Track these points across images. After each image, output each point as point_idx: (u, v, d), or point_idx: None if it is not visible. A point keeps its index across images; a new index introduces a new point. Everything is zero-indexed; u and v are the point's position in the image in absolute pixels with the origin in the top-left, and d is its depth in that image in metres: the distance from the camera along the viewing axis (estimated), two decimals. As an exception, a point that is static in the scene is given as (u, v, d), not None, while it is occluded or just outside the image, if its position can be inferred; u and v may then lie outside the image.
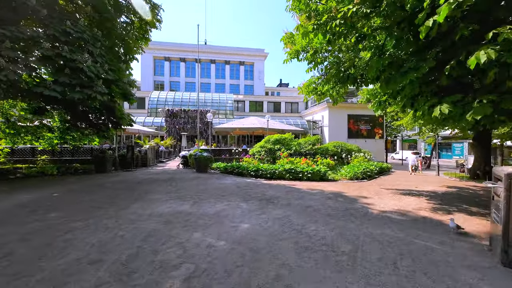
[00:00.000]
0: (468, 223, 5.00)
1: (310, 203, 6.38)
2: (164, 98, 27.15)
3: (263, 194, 7.35)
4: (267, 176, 10.82)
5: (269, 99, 36.25)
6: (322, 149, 15.32)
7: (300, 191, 8.06)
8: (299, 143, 15.03)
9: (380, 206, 6.24)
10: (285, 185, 9.22)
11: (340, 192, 7.95)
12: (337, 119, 24.86)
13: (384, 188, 8.97)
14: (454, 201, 7.00)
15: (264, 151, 14.08)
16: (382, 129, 26.47)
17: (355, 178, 11.05)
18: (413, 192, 8.24)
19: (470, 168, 13.89)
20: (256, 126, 16.90)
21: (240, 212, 5.34)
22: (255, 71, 44.42)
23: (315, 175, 10.56)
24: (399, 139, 43.62)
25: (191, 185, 8.73)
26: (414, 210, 5.89)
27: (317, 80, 8.68)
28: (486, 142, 13.07)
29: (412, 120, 13.95)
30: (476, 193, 8.49)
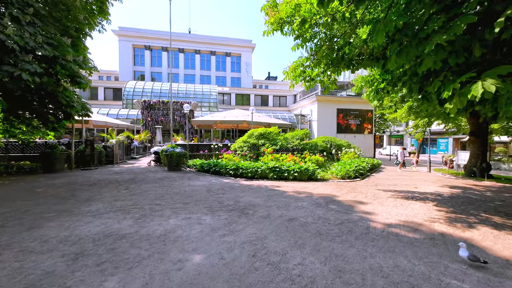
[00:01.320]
0: (502, 243, 3.78)
1: (295, 213, 4.99)
2: (141, 89, 24.90)
3: (238, 201, 5.88)
4: (248, 176, 9.37)
5: (256, 92, 34.62)
6: (310, 144, 14.04)
7: (285, 195, 6.67)
8: (286, 137, 13.67)
9: (383, 216, 4.95)
10: (267, 186, 7.81)
11: (331, 196, 6.63)
12: (326, 113, 23.75)
13: (381, 190, 7.77)
14: (468, 207, 5.85)
15: (247, 146, 12.60)
16: (371, 124, 25.67)
17: (347, 177, 9.83)
18: (415, 195, 7.06)
19: (465, 164, 13.10)
20: (239, 119, 15.35)
21: (198, 233, 3.85)
22: (242, 63, 42.48)
23: (302, 174, 9.23)
24: (387, 134, 43.58)
25: (152, 188, 7.12)
26: (425, 222, 4.64)
27: (305, 61, 7.24)
28: (484, 138, 12.25)
29: (407, 114, 12.93)
30: (484, 195, 7.46)
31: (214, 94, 27.00)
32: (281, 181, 8.87)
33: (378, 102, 8.93)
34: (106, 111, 22.98)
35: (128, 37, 36.90)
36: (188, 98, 25.35)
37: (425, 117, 12.56)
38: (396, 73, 7.63)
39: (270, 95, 34.52)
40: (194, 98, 25.73)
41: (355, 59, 6.78)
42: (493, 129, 14.68)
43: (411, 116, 12.95)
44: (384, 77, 8.02)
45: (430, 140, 35.76)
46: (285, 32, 6.48)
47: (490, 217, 4.98)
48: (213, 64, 41.17)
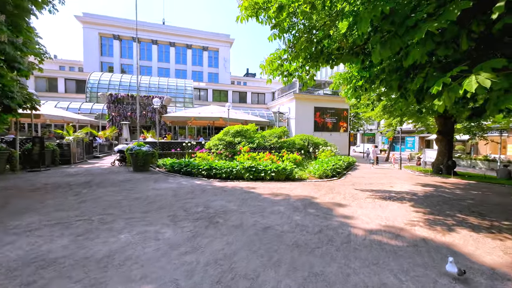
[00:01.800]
0: (483, 247, 3.62)
1: (271, 220, 4.49)
2: (108, 81, 22.81)
3: (208, 206, 5.24)
4: (222, 176, 8.73)
5: (234, 89, 33.74)
6: (288, 142, 13.75)
7: (260, 198, 6.16)
8: (263, 135, 13.21)
9: (363, 220, 4.64)
10: (242, 188, 7.25)
11: (310, 198, 6.26)
12: (303, 112, 23.80)
13: (359, 190, 7.61)
14: (443, 207, 5.81)
15: (222, 144, 11.91)
16: (347, 123, 26.32)
17: (325, 176, 9.63)
18: (392, 195, 6.97)
19: (433, 162, 13.72)
20: (215, 115, 14.55)
21: (153, 252, 3.17)
22: (220, 58, 41.25)
23: (280, 174, 8.81)
24: (360, 132, 45.41)
25: (109, 193, 6.19)
26: (406, 226, 4.41)
27: (283, 54, 6.75)
28: (450, 137, 12.88)
29: (382, 113, 13.15)
30: (454, 193, 7.63)
31: (190, 89, 25.70)
32: (257, 182, 8.36)
33: (356, 100, 8.79)
34: (66, 104, 20.66)
35: (94, 24, 33.80)
36: (161, 92, 23.78)
37: (397, 116, 12.88)
38: (374, 71, 7.48)
39: (249, 92, 33.91)
40: (167, 93, 24.23)
41: (335, 54, 6.43)
42: (457, 129, 15.60)
43: (385, 115, 13.22)
44: (362, 74, 7.84)
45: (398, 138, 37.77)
46: (261, 20, 5.91)
47: (466, 218, 4.93)
48: (189, 58, 39.42)
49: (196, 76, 39.90)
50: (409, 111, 11.62)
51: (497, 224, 4.69)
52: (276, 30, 6.01)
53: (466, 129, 14.79)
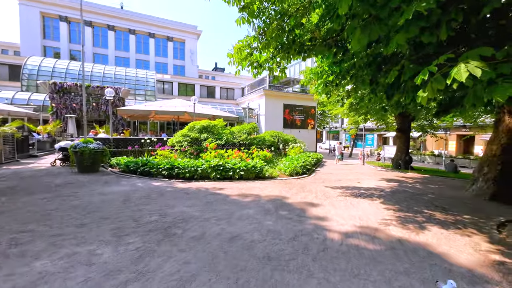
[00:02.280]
0: (455, 246, 3.55)
1: (239, 227, 3.91)
2: (51, 68, 19.67)
3: (165, 214, 4.45)
4: (186, 176, 7.87)
5: (202, 83, 32.17)
6: (258, 139, 13.30)
7: (228, 200, 5.54)
8: (232, 132, 12.53)
9: (338, 222, 4.35)
10: (208, 190, 6.54)
11: (281, 198, 5.85)
12: (273, 108, 23.68)
13: (329, 187, 7.47)
14: (410, 203, 5.89)
15: (187, 141, 10.93)
16: (314, 120, 26.99)
17: (295, 173, 9.39)
18: (362, 192, 6.95)
19: (392, 157, 14.60)
20: (179, 109, 13.37)
21: (79, 284, 2.35)
22: (187, 50, 39.03)
23: (249, 172, 8.29)
24: (326, 130, 47.48)
25: (37, 201, 4.95)
26: (380, 226, 4.23)
27: (252, 41, 6.18)
28: (407, 134, 13.79)
29: (348, 110, 13.49)
30: (416, 187, 7.97)
31: (152, 81, 23.64)
32: (225, 182, 7.71)
33: (326, 96, 8.67)
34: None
35: (34, 1, 29.03)
36: (119, 83, 21.37)
37: (362, 114, 13.35)
38: (345, 66, 7.36)
39: (217, 86, 32.68)
40: (126, 84, 21.91)
41: (307, 45, 6.07)
42: (412, 127, 16.89)
43: (351, 112, 13.62)
44: (333, 69, 7.67)
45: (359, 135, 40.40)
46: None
47: (433, 214, 4.98)
48: (152, 48, 36.48)
49: (160, 68, 37.19)
50: (373, 109, 12.06)
51: (460, 218, 4.81)
52: (245, 13, 5.39)
53: (420, 127, 16.07)
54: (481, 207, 5.72)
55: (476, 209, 5.49)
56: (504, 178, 5.85)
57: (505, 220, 4.79)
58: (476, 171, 6.59)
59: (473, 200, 6.28)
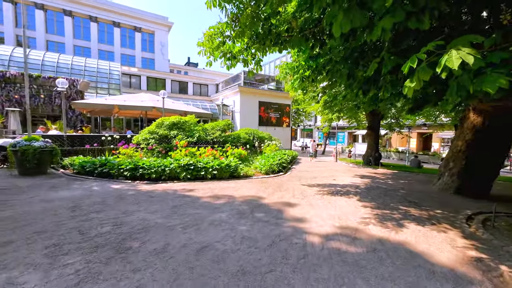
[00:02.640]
0: (433, 243, 3.47)
1: (210, 235, 3.43)
2: (-10, 54, 16.92)
3: (120, 223, 3.78)
4: (152, 177, 7.10)
5: (173, 77, 30.49)
6: (233, 136, 12.80)
7: (198, 203, 4.99)
8: (205, 128, 11.85)
9: (317, 223, 4.08)
10: (176, 192, 5.90)
11: (257, 199, 5.46)
12: (248, 105, 23.30)
13: (306, 185, 7.28)
14: (385, 199, 5.90)
15: (154, 138, 10.02)
16: (289, 118, 27.19)
17: (271, 171, 9.10)
18: (338, 189, 6.86)
19: (363, 154, 15.13)
20: (146, 104, 12.27)
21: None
22: (156, 42, 36.77)
23: (223, 172, 7.78)
24: (300, 128, 48.52)
25: (-47, 213, 3.92)
26: (360, 226, 4.05)
27: (225, 28, 5.66)
28: (377, 131, 14.36)
29: (323, 108, 13.60)
30: (388, 183, 8.17)
31: (116, 74, 21.67)
32: (196, 182, 7.11)
33: (303, 91, 8.48)
34: None
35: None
36: (76, 75, 19.16)
37: (336, 112, 13.56)
38: (321, 61, 7.21)
39: (190, 82, 31.28)
40: (85, 76, 19.75)
41: (284, 35, 5.74)
42: (381, 125, 17.72)
43: (326, 110, 13.77)
44: (309, 64, 7.49)
45: (331, 133, 41.91)
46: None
47: (408, 210, 4.99)
48: (117, 38, 33.67)
49: (126, 60, 34.56)
50: (346, 107, 12.28)
51: (432, 213, 4.87)
52: (216, -6, 4.86)
53: (388, 125, 16.90)
54: (447, 201, 5.95)
55: (444, 203, 5.68)
56: (468, 172, 6.16)
57: (472, 213, 4.96)
58: (442, 166, 6.91)
59: (440, 194, 6.55)
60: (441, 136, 29.45)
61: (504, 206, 5.56)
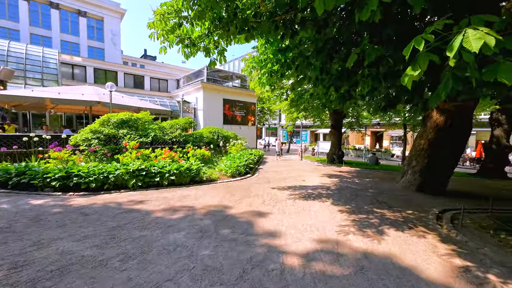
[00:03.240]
0: (418, 254, 3.18)
1: (158, 272, 2.54)
2: None
3: (24, 262, 2.63)
4: (92, 187, 5.75)
5: (127, 70, 27.37)
6: (195, 135, 11.68)
7: (148, 219, 4.00)
8: (163, 127, 10.51)
9: (293, 238, 3.50)
10: (121, 205, 4.76)
11: (222, 209, 4.68)
12: (212, 103, 22.13)
13: (276, 188, 6.74)
14: (357, 201, 5.67)
15: (98, 138, 8.39)
16: (254, 117, 26.78)
17: (238, 173, 8.37)
18: (309, 192, 6.46)
19: (327, 152, 15.44)
20: (87, 98, 10.34)
21: None
22: (106, 30, 32.71)
23: (183, 176, 6.78)
24: (265, 127, 48.80)
25: None
26: (340, 236, 3.60)
27: (181, 6, 4.72)
28: (340, 130, 14.75)
29: (289, 106, 13.36)
30: (356, 182, 8.14)
31: (53, 62, 18.35)
32: (149, 191, 5.99)
33: (271, 87, 7.94)
34: None
35: None
36: None
37: (302, 110, 13.47)
38: (290, 55, 6.74)
39: (147, 76, 28.53)
40: (9, 63, 16.21)
41: (251, 21, 5.05)
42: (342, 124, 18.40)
43: (292, 108, 13.59)
44: (278, 57, 6.96)
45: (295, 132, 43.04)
46: None
47: (383, 213, 4.78)
48: (55, 22, 28.89)
49: (69, 47, 30.00)
50: (311, 106, 12.22)
51: (405, 215, 4.74)
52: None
53: (348, 124, 17.61)
54: (412, 199, 6.02)
55: (411, 202, 5.69)
56: (429, 170, 6.36)
57: (438, 212, 4.99)
58: (405, 164, 7.09)
59: (404, 192, 6.65)
60: (391, 134, 32.34)
61: (461, 202, 5.82)
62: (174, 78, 30.02)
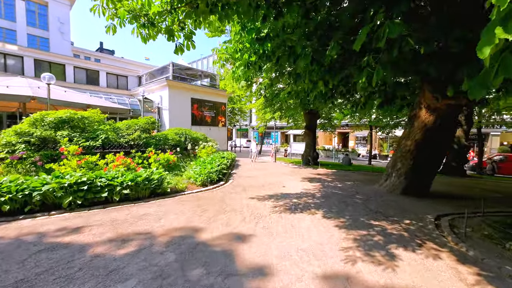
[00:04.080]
0: (445, 284, 2.53)
1: None
2: None
3: None
4: (5, 211, 4.14)
5: (77, 64, 23.90)
6: (158, 137, 10.18)
7: (80, 261, 2.74)
8: (117, 128, 8.84)
9: (290, 275, 2.59)
10: (45, 236, 3.36)
11: (192, 234, 3.59)
12: (179, 102, 20.42)
13: (255, 199, 5.81)
14: (350, 211, 5.01)
15: (27, 142, 6.53)
16: (225, 117, 25.58)
17: (210, 181, 7.25)
18: (295, 202, 5.64)
19: (302, 154, 15.05)
20: (15, 92, 8.20)
21: None
22: (52, 17, 28.42)
23: (141, 189, 5.46)
24: (236, 128, 47.74)
25: None
26: (348, 268, 2.80)
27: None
28: (314, 131, 14.46)
29: (263, 105, 12.60)
30: (339, 187, 7.62)
31: (-25, 49, 14.90)
32: (93, 210, 4.59)
33: (246, 83, 7.01)
34: None
35: None
36: None
37: (277, 110, 12.81)
38: (269, 46, 5.91)
39: (102, 71, 25.37)
40: None
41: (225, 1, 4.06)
42: (314, 125, 18.29)
43: (267, 108, 12.86)
44: (255, 47, 6.06)
45: (266, 133, 42.67)
46: None
47: (383, 226, 4.16)
48: (-18, 2, 24.06)
49: (1, 34, 25.27)
50: (287, 106, 11.63)
51: (405, 226, 4.20)
52: None
53: (322, 125, 17.55)
54: (401, 204, 5.62)
55: (402, 208, 5.26)
56: (415, 172, 6.08)
57: (434, 218, 4.59)
58: (389, 166, 6.76)
59: (390, 197, 6.26)
60: (356, 135, 33.84)
61: (447, 204, 5.60)
62: (135, 74, 27.33)
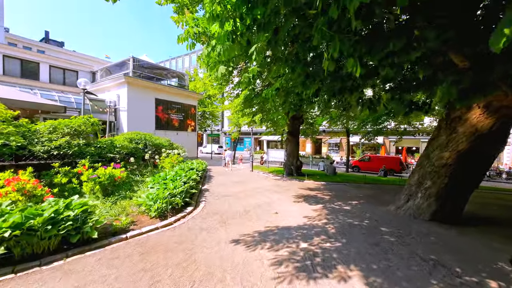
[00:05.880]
0: None
1: None
2: None
3: None
4: None
5: (8, 52, 19.36)
6: (101, 145, 7.52)
7: None
8: (33, 131, 6.07)
9: None
10: None
11: None
12: (140, 102, 17.49)
13: (242, 243, 3.75)
14: (393, 260, 3.25)
15: None
16: (195, 121, 22.99)
17: (171, 207, 5.00)
18: (304, 248, 3.70)
19: (284, 162, 13.38)
20: None
21: None
22: (-22, -5, 23.08)
23: (38, 239, 3.05)
24: (207, 133, 44.88)
25: None
26: None
27: None
28: (297, 137, 12.95)
29: (241, 106, 10.66)
30: (345, 209, 5.92)
31: None
32: None
33: (227, 70, 5.02)
34: None
35: None
36: None
37: (259, 112, 10.95)
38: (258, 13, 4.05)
39: (45, 64, 21.04)
40: None
41: None
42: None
43: (246, 109, 10.96)
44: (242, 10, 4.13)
45: (239, 139, 40.62)
46: None
47: None
48: None
49: None
50: (273, 105, 9.85)
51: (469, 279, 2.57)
52: None
53: (303, 131, 16.19)
54: (446, 240, 4.10)
55: (454, 250, 3.70)
56: (450, 193, 4.66)
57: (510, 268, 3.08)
58: (413, 185, 5.25)
59: (421, 226, 4.70)
60: (329, 142, 33.60)
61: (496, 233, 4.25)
62: (87, 70, 23.40)
